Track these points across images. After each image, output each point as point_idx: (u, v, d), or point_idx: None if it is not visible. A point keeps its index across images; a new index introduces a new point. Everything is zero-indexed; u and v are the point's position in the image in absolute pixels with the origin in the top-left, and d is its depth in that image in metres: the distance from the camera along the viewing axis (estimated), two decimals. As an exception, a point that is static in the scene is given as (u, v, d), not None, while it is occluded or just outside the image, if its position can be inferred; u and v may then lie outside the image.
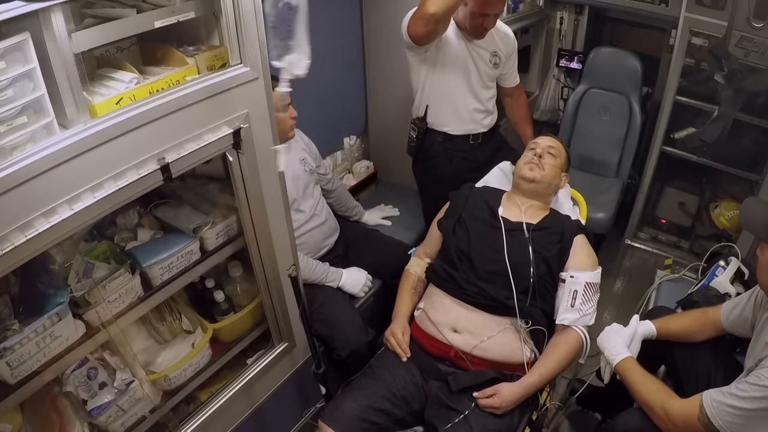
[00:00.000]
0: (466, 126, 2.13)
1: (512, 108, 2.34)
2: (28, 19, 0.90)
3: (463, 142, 2.14)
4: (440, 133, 2.13)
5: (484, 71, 2.07)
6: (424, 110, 2.11)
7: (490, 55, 2.06)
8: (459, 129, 2.13)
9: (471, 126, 2.13)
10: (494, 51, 2.07)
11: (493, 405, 1.45)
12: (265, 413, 1.74)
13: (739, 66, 2.15)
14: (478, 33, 1.97)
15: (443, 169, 2.16)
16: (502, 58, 2.10)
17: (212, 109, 1.20)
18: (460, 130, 2.13)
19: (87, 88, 1.03)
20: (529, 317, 1.55)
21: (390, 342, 1.64)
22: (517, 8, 2.55)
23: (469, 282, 1.58)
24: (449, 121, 2.11)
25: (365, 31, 2.45)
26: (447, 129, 2.12)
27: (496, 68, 2.10)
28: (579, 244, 1.65)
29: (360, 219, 2.29)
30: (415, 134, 2.17)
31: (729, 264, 1.95)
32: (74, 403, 1.31)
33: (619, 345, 1.53)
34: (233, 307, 1.60)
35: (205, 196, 1.49)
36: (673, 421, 1.31)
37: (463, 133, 2.13)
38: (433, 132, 2.13)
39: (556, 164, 1.78)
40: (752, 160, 2.41)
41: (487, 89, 2.13)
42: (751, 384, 1.19)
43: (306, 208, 1.87)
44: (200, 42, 1.28)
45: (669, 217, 2.87)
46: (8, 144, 0.93)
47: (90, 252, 1.30)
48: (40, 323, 1.11)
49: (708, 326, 1.55)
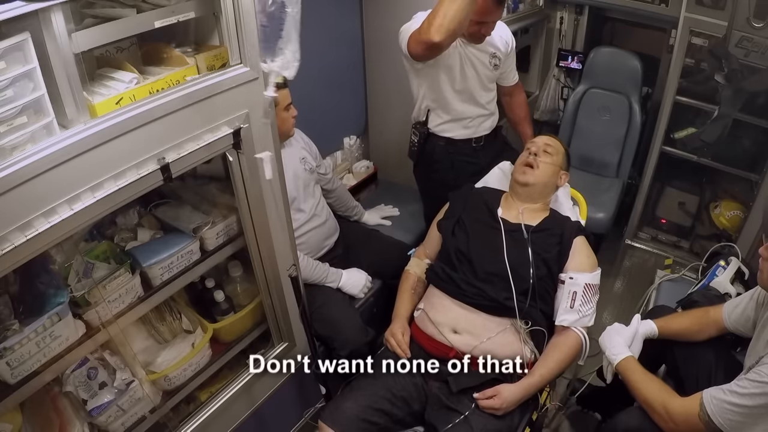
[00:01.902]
0: (467, 130, 2.12)
1: (512, 107, 2.32)
2: (28, 19, 0.90)
3: (465, 146, 2.13)
4: (442, 138, 2.12)
5: (483, 74, 2.06)
6: (425, 115, 2.10)
7: (489, 57, 2.05)
8: (460, 134, 2.12)
9: (472, 130, 2.13)
10: (493, 53, 2.06)
11: (494, 406, 1.45)
12: (265, 413, 1.74)
13: (739, 66, 2.14)
14: (477, 39, 1.97)
15: (445, 173, 2.15)
16: (501, 59, 2.09)
17: (212, 109, 1.20)
18: (461, 135, 2.12)
19: (87, 88, 1.03)
20: (528, 318, 1.55)
21: (390, 342, 1.63)
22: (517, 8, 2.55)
23: (469, 283, 1.58)
24: (450, 126, 2.11)
25: (365, 31, 2.45)
26: (449, 134, 2.11)
27: (496, 69, 2.09)
28: (578, 246, 1.64)
29: (360, 219, 2.29)
30: (417, 139, 2.16)
31: (729, 264, 1.96)
32: (74, 403, 1.31)
33: (620, 344, 1.52)
34: (233, 307, 1.60)
35: (205, 196, 1.49)
36: (674, 419, 1.31)
37: (465, 137, 2.12)
38: (435, 137, 2.12)
39: (553, 162, 1.76)
40: (752, 160, 2.40)
41: (488, 91, 2.12)
42: (751, 381, 1.19)
43: (306, 208, 1.87)
44: (200, 42, 1.28)
45: (669, 217, 2.87)
46: (8, 144, 0.92)
47: (90, 252, 1.29)
48: (40, 323, 1.11)
49: (709, 325, 1.55)
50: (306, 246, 1.87)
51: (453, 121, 2.09)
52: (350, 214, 2.25)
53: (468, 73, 2.02)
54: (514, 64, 2.21)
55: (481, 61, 2.03)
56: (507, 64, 2.16)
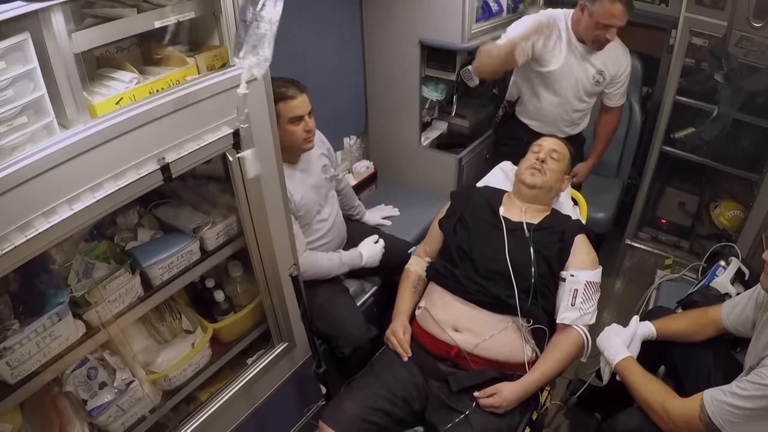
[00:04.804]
0: (548, 128, 2.22)
1: (601, 123, 2.39)
2: (28, 19, 0.90)
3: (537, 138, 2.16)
4: (523, 124, 2.27)
5: (582, 86, 2.13)
6: (516, 98, 2.25)
7: (595, 72, 2.11)
8: (541, 128, 2.23)
9: (552, 129, 2.22)
10: (600, 69, 2.12)
11: (494, 404, 1.45)
12: (265, 413, 1.74)
13: (739, 66, 2.15)
14: (599, 44, 2.02)
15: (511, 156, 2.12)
16: (606, 78, 2.15)
17: (212, 109, 1.20)
18: (541, 129, 2.22)
19: (87, 88, 1.03)
20: (530, 316, 1.55)
21: (391, 341, 1.63)
22: (517, 8, 2.55)
23: (470, 279, 1.58)
24: (533, 118, 2.24)
25: (365, 31, 2.45)
26: (530, 124, 2.25)
27: (597, 86, 2.16)
28: (579, 244, 1.65)
29: (361, 218, 2.29)
30: (502, 114, 2.35)
31: (729, 264, 1.95)
32: (74, 403, 1.31)
33: (618, 345, 1.52)
34: (233, 307, 1.60)
35: (205, 196, 1.49)
36: (674, 420, 1.31)
37: (544, 132, 2.16)
38: (518, 120, 2.28)
39: (559, 168, 1.76)
40: (752, 160, 2.41)
41: (581, 101, 2.20)
42: (752, 383, 1.19)
43: (327, 216, 1.88)
44: (200, 42, 1.28)
45: (669, 217, 2.87)
46: (8, 144, 0.92)
47: (90, 252, 1.29)
48: (40, 323, 1.11)
49: (709, 326, 1.55)
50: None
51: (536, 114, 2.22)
52: (353, 213, 2.25)
53: (565, 80, 2.10)
54: (623, 89, 2.25)
55: (587, 73, 2.10)
56: (613, 86, 2.21)
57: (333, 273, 1.85)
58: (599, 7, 1.91)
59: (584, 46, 2.06)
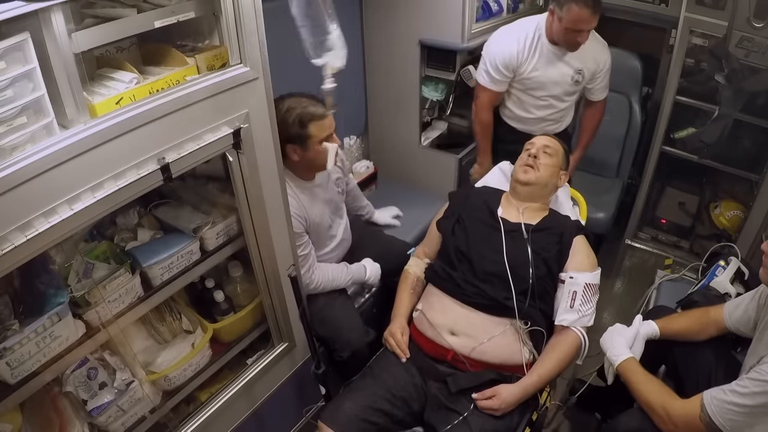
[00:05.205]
0: (529, 126, 2.26)
1: (585, 117, 2.41)
2: (28, 19, 0.90)
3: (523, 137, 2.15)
4: (510, 127, 2.33)
5: (561, 87, 2.15)
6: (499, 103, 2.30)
7: (573, 72, 2.12)
8: (526, 130, 2.25)
9: (533, 128, 2.25)
10: (578, 68, 2.12)
11: (492, 406, 1.45)
12: (265, 413, 1.74)
13: (740, 66, 2.14)
14: (572, 47, 2.03)
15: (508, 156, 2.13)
16: (585, 76, 2.16)
17: (212, 109, 1.20)
18: (527, 131, 2.24)
19: (87, 88, 1.03)
20: (528, 318, 1.54)
21: (389, 342, 1.63)
22: (517, 8, 2.55)
23: (468, 282, 1.58)
24: (519, 121, 2.28)
25: (365, 31, 2.45)
26: (517, 126, 2.29)
27: (577, 84, 2.17)
28: (578, 245, 1.64)
29: (371, 218, 2.29)
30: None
31: (729, 264, 1.95)
32: (74, 403, 1.31)
33: (621, 345, 1.52)
34: (233, 307, 1.60)
35: (205, 196, 1.49)
36: (674, 421, 1.31)
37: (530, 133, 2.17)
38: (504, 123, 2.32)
39: (553, 163, 1.76)
40: (752, 160, 2.40)
41: (561, 102, 2.22)
42: (752, 380, 1.19)
43: (335, 231, 1.87)
44: (200, 42, 1.28)
45: (669, 217, 2.87)
46: (8, 144, 0.92)
47: (90, 252, 1.29)
48: (40, 323, 1.11)
49: (710, 325, 1.55)
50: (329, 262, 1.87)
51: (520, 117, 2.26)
52: (362, 213, 2.25)
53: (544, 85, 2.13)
54: (604, 83, 2.27)
55: (563, 74, 2.12)
56: (594, 82, 2.23)
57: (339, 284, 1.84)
58: (567, 12, 1.91)
59: (559, 47, 2.06)
